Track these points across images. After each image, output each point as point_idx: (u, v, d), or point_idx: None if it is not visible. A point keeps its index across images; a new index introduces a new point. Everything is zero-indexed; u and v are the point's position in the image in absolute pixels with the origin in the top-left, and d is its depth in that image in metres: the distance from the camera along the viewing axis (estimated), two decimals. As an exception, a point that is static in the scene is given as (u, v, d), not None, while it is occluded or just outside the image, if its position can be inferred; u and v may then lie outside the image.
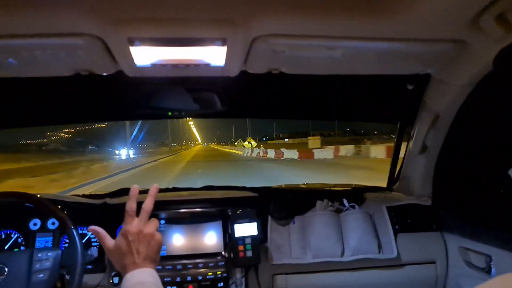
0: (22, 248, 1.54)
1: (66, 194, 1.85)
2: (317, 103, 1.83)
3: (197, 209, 1.67)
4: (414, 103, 1.63)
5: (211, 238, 1.63)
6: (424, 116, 1.61)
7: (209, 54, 1.08)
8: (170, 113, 1.51)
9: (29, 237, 1.55)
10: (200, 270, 1.55)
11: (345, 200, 1.76)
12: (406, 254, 1.65)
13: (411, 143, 1.77)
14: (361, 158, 24.78)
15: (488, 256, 1.42)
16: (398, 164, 1.98)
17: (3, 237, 1.55)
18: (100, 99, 1.65)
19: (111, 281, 1.52)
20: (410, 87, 1.53)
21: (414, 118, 1.69)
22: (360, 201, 1.80)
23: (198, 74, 1.28)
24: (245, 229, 1.58)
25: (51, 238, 1.55)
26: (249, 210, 1.62)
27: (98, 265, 1.55)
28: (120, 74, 1.20)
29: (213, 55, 1.08)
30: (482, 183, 1.57)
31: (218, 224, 1.65)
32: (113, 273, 1.53)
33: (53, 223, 1.56)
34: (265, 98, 1.76)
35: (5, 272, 1.20)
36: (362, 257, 1.60)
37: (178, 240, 1.61)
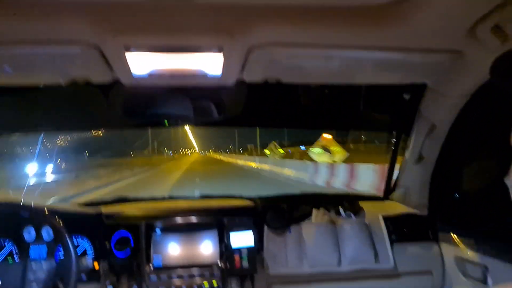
0: (16, 257, 1.52)
1: (62, 203, 1.83)
2: (313, 112, 1.84)
3: (193, 219, 1.66)
4: (410, 113, 1.64)
5: (207, 248, 1.61)
6: (420, 125, 1.62)
7: (205, 63, 1.08)
8: (166, 122, 1.50)
9: (24, 247, 1.52)
10: (196, 280, 1.53)
11: (341, 209, 1.76)
12: (403, 264, 1.64)
13: (407, 153, 1.77)
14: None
15: (484, 267, 1.41)
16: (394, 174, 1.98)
17: None
18: (95, 107, 1.64)
19: None
20: (407, 96, 1.54)
21: (410, 127, 1.70)
22: (356, 210, 1.80)
23: (195, 83, 1.28)
24: (241, 238, 1.57)
25: (45, 248, 1.53)
26: (245, 219, 1.61)
27: (92, 274, 1.53)
28: (116, 82, 1.20)
29: (209, 64, 1.08)
30: (478, 193, 1.57)
31: (214, 234, 1.63)
32: (107, 282, 1.51)
33: (47, 233, 1.54)
34: (261, 108, 1.76)
35: None
36: (358, 267, 1.60)
37: (174, 250, 1.60)
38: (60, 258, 1.29)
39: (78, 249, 1.56)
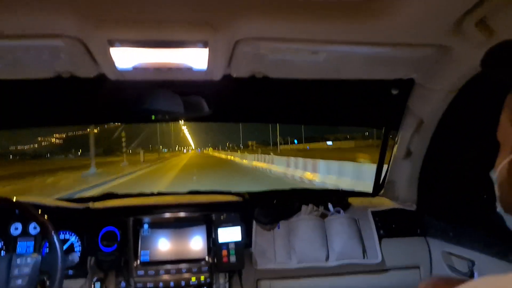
0: (2, 252, 1.50)
1: (49, 199, 1.81)
2: (301, 107, 1.84)
3: (181, 214, 1.66)
4: (398, 108, 1.65)
5: (195, 243, 1.61)
6: (409, 121, 1.62)
7: (191, 57, 1.07)
8: (153, 117, 1.49)
9: (10, 242, 1.51)
10: (184, 275, 1.53)
11: (330, 205, 1.76)
12: (391, 259, 1.65)
13: (395, 148, 1.77)
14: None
15: (470, 261, 1.42)
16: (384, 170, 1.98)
17: None
18: (82, 102, 1.63)
19: (92, 286, 1.50)
20: (395, 92, 1.54)
21: (398, 123, 1.71)
22: (345, 205, 1.80)
23: (181, 77, 1.27)
24: (229, 234, 1.57)
25: (33, 243, 1.52)
26: (233, 214, 1.61)
27: (79, 270, 1.52)
28: (102, 77, 1.19)
29: (195, 58, 1.08)
30: (465, 188, 1.58)
31: (202, 229, 1.63)
32: (94, 278, 1.51)
33: (34, 228, 1.53)
34: (250, 103, 1.76)
35: None
36: (346, 262, 1.60)
37: (162, 245, 1.59)
38: (46, 254, 1.28)
39: (66, 245, 1.56)
